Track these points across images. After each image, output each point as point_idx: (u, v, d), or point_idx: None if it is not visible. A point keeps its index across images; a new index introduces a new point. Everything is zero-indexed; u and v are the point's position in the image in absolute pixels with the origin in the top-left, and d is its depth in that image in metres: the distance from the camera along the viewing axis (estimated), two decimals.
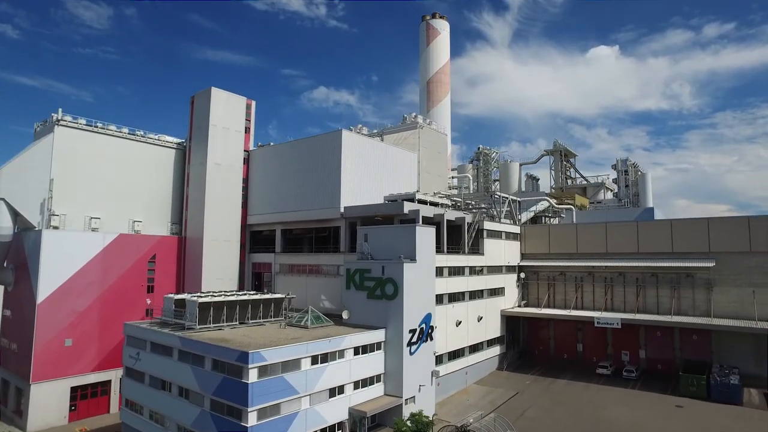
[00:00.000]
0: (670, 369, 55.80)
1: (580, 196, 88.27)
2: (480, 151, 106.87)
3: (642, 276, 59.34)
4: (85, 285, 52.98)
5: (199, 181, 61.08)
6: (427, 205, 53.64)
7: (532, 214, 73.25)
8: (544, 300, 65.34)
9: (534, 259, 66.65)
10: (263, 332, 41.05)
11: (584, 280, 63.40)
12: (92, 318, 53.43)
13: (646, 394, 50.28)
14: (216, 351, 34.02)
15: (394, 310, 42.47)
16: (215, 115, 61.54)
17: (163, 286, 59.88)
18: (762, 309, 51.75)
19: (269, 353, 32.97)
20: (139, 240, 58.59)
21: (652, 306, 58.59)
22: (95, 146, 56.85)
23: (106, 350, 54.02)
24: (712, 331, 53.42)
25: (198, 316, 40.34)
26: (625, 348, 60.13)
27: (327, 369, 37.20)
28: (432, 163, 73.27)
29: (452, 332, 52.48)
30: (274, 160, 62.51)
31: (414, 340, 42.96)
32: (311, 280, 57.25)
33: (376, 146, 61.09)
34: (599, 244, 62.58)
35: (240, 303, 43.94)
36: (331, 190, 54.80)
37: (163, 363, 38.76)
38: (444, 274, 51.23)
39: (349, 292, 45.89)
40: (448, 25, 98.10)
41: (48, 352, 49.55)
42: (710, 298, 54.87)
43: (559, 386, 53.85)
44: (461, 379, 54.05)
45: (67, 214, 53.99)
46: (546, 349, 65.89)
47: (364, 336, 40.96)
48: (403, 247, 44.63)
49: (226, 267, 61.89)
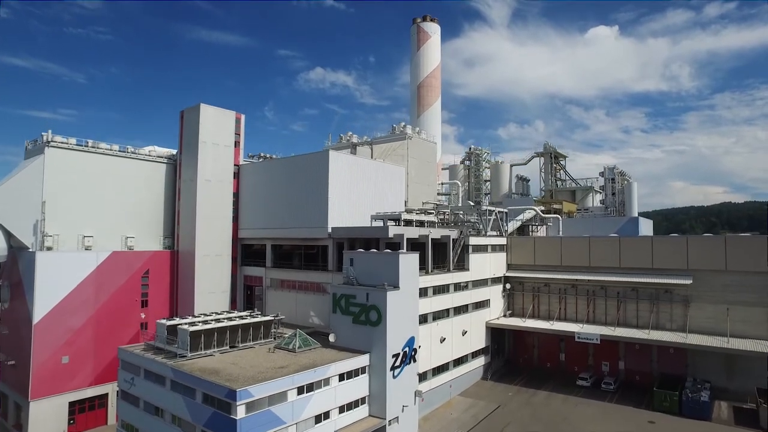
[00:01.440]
0: (648, 381, 58.54)
1: (568, 203, 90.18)
2: (471, 151, 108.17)
3: (623, 290, 61.73)
4: (80, 303, 55.03)
5: (190, 197, 62.63)
6: (413, 226, 55.56)
7: (519, 223, 75.24)
8: (529, 310, 67.85)
9: (519, 270, 68.87)
10: (252, 358, 43.24)
11: (568, 292, 65.81)
12: (88, 335, 55.64)
13: (621, 409, 53.14)
14: (206, 386, 36.23)
15: (378, 336, 44.68)
16: (204, 131, 62.71)
17: (157, 300, 62.11)
18: (734, 326, 54.30)
19: (256, 389, 35.20)
20: (132, 256, 60.44)
21: (632, 319, 61.15)
22: (86, 165, 58.17)
23: (102, 365, 56.40)
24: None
25: (189, 344, 42.47)
26: (605, 359, 62.89)
27: (313, 398, 39.54)
28: (421, 172, 74.83)
29: (436, 348, 55.02)
30: (263, 176, 63.99)
31: (397, 364, 45.29)
32: (300, 297, 59.41)
33: (364, 164, 62.59)
34: (582, 258, 64.75)
35: (230, 328, 46.07)
36: (318, 210, 56.51)
37: (156, 390, 41.04)
38: (428, 294, 53.53)
39: (336, 315, 48.04)
40: (439, 28, 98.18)
41: (45, 370, 51.87)
42: (687, 314, 57.42)
43: (539, 399, 56.65)
44: (445, 392, 56.79)
45: (60, 234, 55.66)
46: (530, 358, 68.69)
47: (349, 362, 43.21)
48: (386, 273, 46.59)
49: (218, 280, 63.93)
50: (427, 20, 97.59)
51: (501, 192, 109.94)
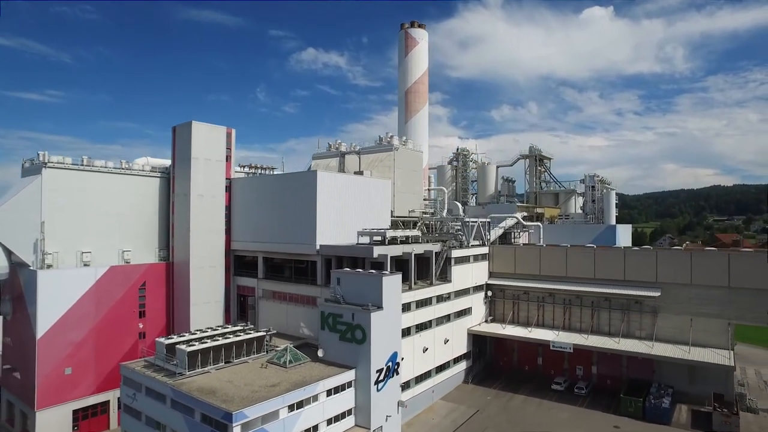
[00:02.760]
0: (618, 385, 63.32)
1: (550, 208, 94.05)
2: (459, 152, 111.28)
3: (597, 300, 66.07)
4: (81, 317, 58.42)
5: (184, 211, 65.62)
6: (397, 243, 59.18)
7: (502, 231, 79.03)
8: (509, 316, 72.18)
9: (501, 278, 72.96)
10: (246, 375, 47.09)
11: (546, 300, 70.09)
12: (89, 346, 59.21)
13: (591, 413, 57.88)
14: (204, 407, 40.09)
15: (363, 353, 48.66)
16: (197, 148, 65.39)
17: (154, 310, 65.65)
18: (697, 335, 58.97)
19: (251, 410, 39.09)
20: (129, 270, 63.69)
21: (605, 327, 65.67)
22: (82, 183, 60.77)
23: (104, 374, 60.19)
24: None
25: (187, 363, 46.24)
26: (579, 363, 67.55)
27: (303, 413, 43.59)
28: (407, 182, 78.11)
29: (419, 358, 59.29)
30: (254, 192, 67.00)
31: (381, 378, 49.41)
32: (291, 308, 63.19)
33: (351, 180, 65.79)
34: (560, 267, 68.86)
35: (225, 346, 49.84)
36: (307, 227, 59.85)
37: (157, 407, 44.88)
38: (411, 308, 57.51)
39: (324, 332, 51.93)
40: (426, 34, 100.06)
41: (50, 382, 55.54)
42: (655, 323, 61.96)
43: (516, 403, 61.31)
44: (428, 397, 61.29)
45: (59, 251, 58.61)
46: (510, 361, 73.32)
47: (336, 379, 47.24)
48: (371, 293, 50.35)
49: (212, 290, 67.40)
50: (414, 26, 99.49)
51: (487, 193, 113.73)
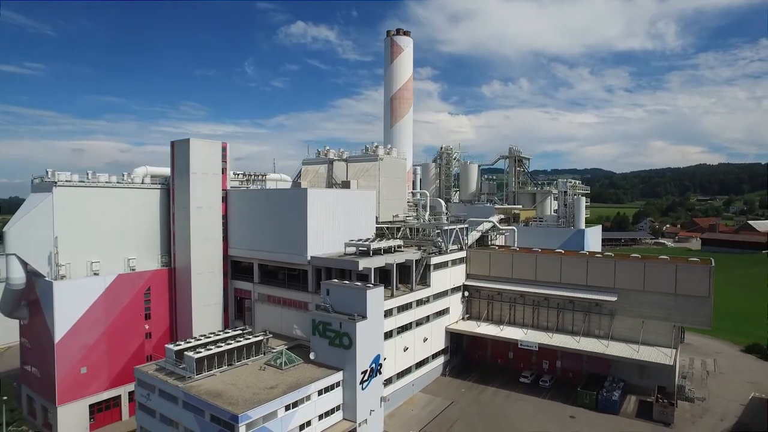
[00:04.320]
0: (578, 378, 71.82)
1: (525, 211, 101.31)
2: (443, 150, 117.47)
3: (562, 302, 74.02)
4: (93, 322, 65.07)
5: (184, 221, 71.67)
6: (381, 254, 66.16)
7: (479, 234, 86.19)
8: (484, 314, 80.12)
9: (477, 280, 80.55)
10: (247, 377, 54.34)
11: (517, 301, 77.95)
12: (101, 348, 66.07)
13: (552, 405, 66.38)
14: (213, 409, 47.33)
15: (349, 357, 56.07)
16: (195, 163, 70.99)
17: (158, 312, 72.41)
18: (647, 336, 67.30)
19: (253, 411, 46.40)
20: (134, 277, 70.08)
21: (569, 326, 73.84)
22: (89, 198, 66.51)
23: (115, 372, 67.31)
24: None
25: (195, 368, 53.33)
26: (545, 358, 75.89)
27: (297, 411, 51.11)
28: (391, 190, 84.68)
29: (401, 356, 67.07)
30: (249, 204, 73.09)
31: (365, 378, 56.98)
32: (284, 311, 70.28)
33: (338, 195, 72.20)
34: (530, 271, 76.54)
35: (228, 351, 56.93)
36: (298, 240, 66.43)
37: (170, 407, 52.09)
38: (393, 313, 64.91)
39: (315, 338, 59.15)
40: (411, 42, 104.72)
41: (68, 381, 62.57)
42: (612, 324, 70.17)
43: (487, 396, 69.67)
44: (409, 390, 69.40)
45: (71, 263, 64.78)
46: (484, 355, 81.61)
47: (326, 380, 54.72)
48: (357, 304, 57.48)
49: (211, 294, 74.10)
50: (400, 34, 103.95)
51: (469, 190, 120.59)
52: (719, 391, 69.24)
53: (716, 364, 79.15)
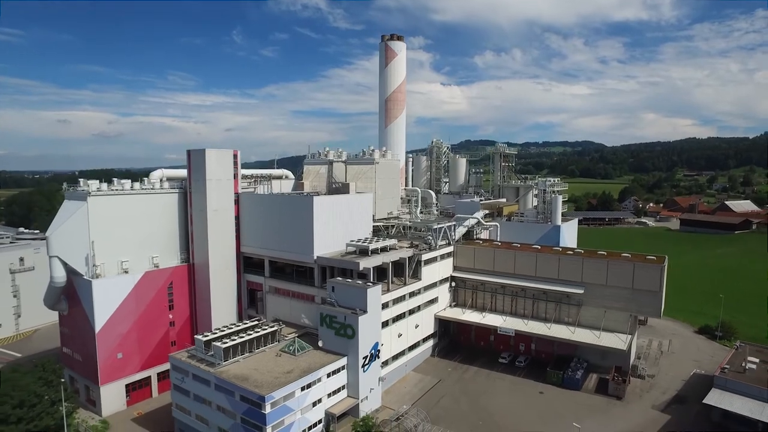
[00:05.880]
0: (549, 358, 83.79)
1: (508, 206, 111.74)
2: (433, 144, 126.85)
3: (537, 293, 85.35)
4: (126, 314, 75.22)
5: (202, 223, 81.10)
6: (378, 253, 76.45)
7: (465, 229, 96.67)
8: (469, 302, 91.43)
9: (463, 272, 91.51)
10: (267, 363, 65.14)
11: (498, 291, 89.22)
12: (133, 335, 76.43)
13: (525, 382, 78.38)
14: (242, 391, 58.19)
15: (352, 345, 67.06)
16: (210, 171, 79.94)
17: (180, 303, 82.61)
18: (608, 323, 79.00)
19: (276, 393, 57.35)
20: (159, 273, 79.91)
21: (542, 314, 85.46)
22: (118, 204, 75.52)
23: (145, 356, 77.96)
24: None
25: (222, 356, 63.99)
26: (522, 341, 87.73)
27: (311, 391, 62.31)
28: (386, 189, 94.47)
29: (396, 342, 78.34)
30: (259, 207, 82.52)
31: (366, 363, 68.18)
32: (293, 302, 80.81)
33: (339, 200, 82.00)
34: (509, 266, 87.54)
35: (249, 341, 67.58)
36: (305, 241, 76.34)
37: (203, 388, 62.90)
38: (389, 305, 75.75)
39: (323, 328, 69.96)
40: (404, 46, 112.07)
41: (108, 364, 73.14)
42: (579, 313, 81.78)
43: (470, 374, 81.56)
44: (402, 370, 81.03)
45: (105, 263, 74.36)
46: (468, 338, 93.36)
47: (333, 365, 65.85)
48: (358, 300, 68.12)
49: (227, 286, 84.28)
50: (394, 39, 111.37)
51: (458, 183, 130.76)
52: (668, 368, 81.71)
53: (670, 345, 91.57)
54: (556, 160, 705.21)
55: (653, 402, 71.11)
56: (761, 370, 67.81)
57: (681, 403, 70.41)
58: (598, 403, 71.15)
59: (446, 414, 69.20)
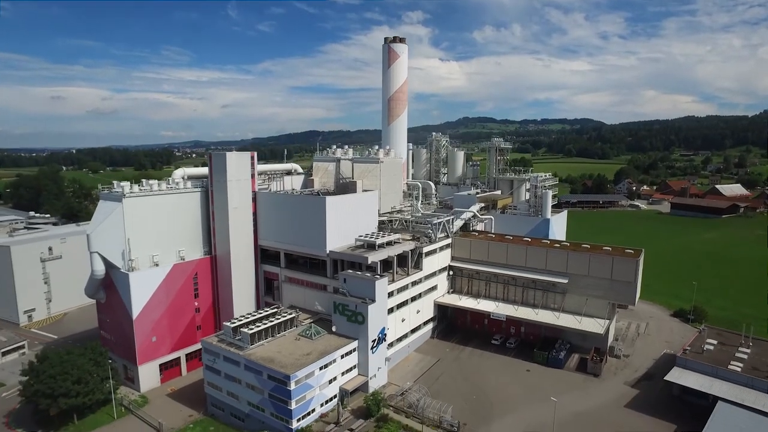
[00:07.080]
0: (537, 340, 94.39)
1: (503, 199, 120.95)
2: (433, 137, 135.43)
3: (526, 282, 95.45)
4: (158, 302, 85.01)
5: (223, 219, 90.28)
6: (384, 247, 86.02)
7: (462, 222, 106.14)
8: (465, 289, 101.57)
9: (460, 262, 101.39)
10: (288, 346, 75.23)
11: (491, 280, 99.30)
12: (164, 321, 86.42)
13: (515, 362, 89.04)
14: (269, 371, 68.37)
15: (362, 330, 77.20)
16: (230, 172, 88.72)
17: (204, 292, 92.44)
18: (589, 309, 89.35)
19: (299, 372, 67.57)
20: (185, 265, 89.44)
21: (531, 300, 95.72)
22: (149, 204, 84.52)
23: (175, 339, 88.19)
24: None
25: (249, 340, 74.07)
26: (512, 325, 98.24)
27: (328, 370, 72.69)
28: (390, 186, 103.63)
29: (400, 326, 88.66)
30: (275, 205, 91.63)
31: (374, 345, 78.46)
32: (308, 291, 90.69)
33: (348, 198, 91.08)
34: (502, 257, 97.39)
35: (271, 327, 77.62)
36: (318, 237, 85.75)
37: (233, 368, 73.13)
38: (394, 294, 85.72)
39: (336, 315, 79.99)
40: (406, 48, 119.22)
41: (144, 347, 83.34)
42: (563, 300, 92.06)
43: (465, 354, 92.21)
44: (405, 351, 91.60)
45: (138, 257, 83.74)
46: (465, 321, 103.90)
47: (346, 347, 76.13)
48: (367, 290, 77.96)
49: (246, 276, 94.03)
50: (396, 41, 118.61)
51: (455, 175, 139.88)
52: (642, 349, 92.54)
53: (647, 327, 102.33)
54: (554, 139, 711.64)
55: (625, 379, 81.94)
56: (717, 350, 78.60)
57: (649, 380, 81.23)
58: (577, 380, 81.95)
59: (444, 389, 79.82)
